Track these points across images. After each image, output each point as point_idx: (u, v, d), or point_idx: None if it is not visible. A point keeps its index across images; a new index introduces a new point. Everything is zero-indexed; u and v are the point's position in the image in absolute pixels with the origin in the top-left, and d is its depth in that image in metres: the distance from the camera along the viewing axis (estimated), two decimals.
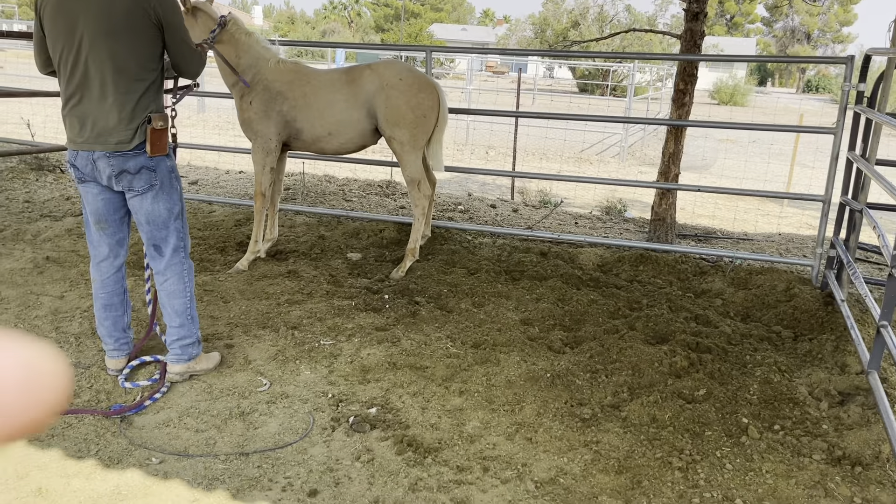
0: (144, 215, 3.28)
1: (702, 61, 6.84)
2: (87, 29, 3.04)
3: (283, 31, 69.72)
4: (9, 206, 6.40)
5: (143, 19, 3.11)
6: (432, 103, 5.01)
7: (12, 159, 8.22)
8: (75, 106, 3.15)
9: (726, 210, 9.95)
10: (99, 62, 3.07)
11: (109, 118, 3.12)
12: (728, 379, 3.65)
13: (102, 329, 3.49)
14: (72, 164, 3.24)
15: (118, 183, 3.21)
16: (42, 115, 12.37)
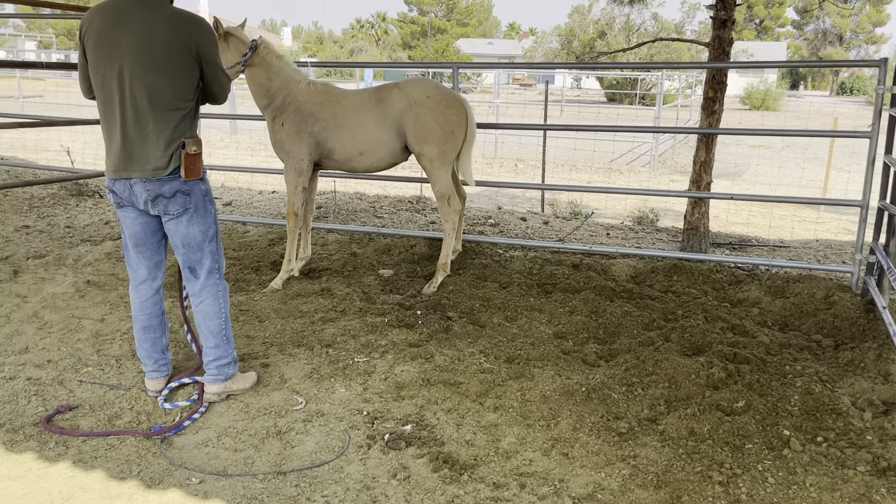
0: (180, 238, 3.35)
1: (732, 68, 6.77)
2: (128, 60, 3.12)
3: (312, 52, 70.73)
4: (51, 232, 6.57)
5: (184, 53, 3.20)
6: (460, 119, 5.04)
7: (53, 186, 8.44)
8: (114, 133, 3.22)
9: (761, 217, 9.80)
10: (138, 93, 3.15)
11: (146, 146, 3.19)
12: (768, 390, 3.58)
13: (142, 351, 3.54)
14: (110, 190, 3.32)
15: (154, 207, 3.28)
16: (81, 142, 12.70)
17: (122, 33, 3.13)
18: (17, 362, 3.80)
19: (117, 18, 3.14)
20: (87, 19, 3.19)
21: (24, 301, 4.70)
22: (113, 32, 3.13)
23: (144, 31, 3.13)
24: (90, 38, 3.18)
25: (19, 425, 3.21)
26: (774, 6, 68.84)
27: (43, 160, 11.89)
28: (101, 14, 3.18)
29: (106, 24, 3.15)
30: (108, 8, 3.19)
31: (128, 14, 3.14)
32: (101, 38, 3.15)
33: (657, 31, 38.56)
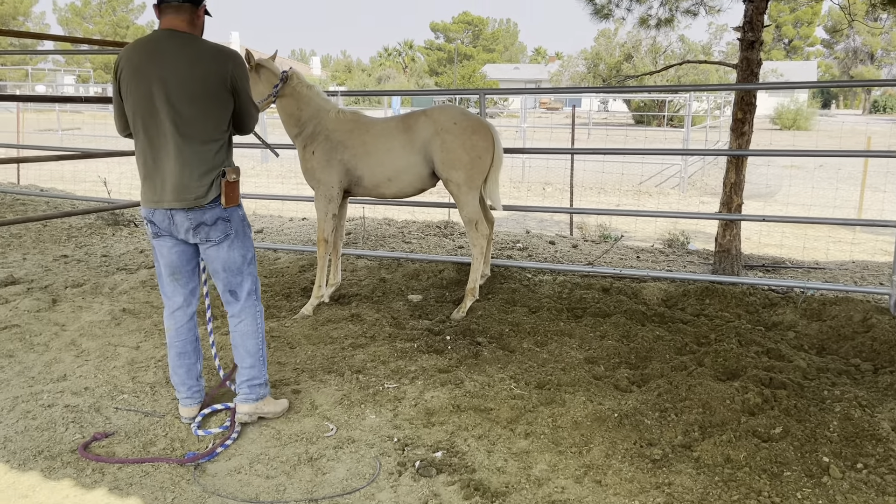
0: (221, 263, 3.44)
1: (761, 89, 6.73)
2: (167, 94, 3.21)
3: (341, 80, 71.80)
4: (88, 261, 6.72)
5: (220, 86, 3.29)
6: (487, 144, 5.08)
7: (91, 216, 8.64)
8: (152, 166, 3.31)
9: (794, 238, 9.66)
10: (178, 125, 3.24)
11: (187, 176, 3.27)
12: (805, 415, 3.51)
13: (176, 378, 3.58)
14: (149, 221, 3.39)
15: (195, 235, 3.35)
16: (117, 172, 13.00)
17: (160, 68, 3.22)
18: (56, 390, 3.88)
19: (155, 54, 3.24)
20: (124, 56, 3.30)
21: (62, 329, 4.80)
22: (151, 67, 3.22)
23: (182, 65, 3.22)
24: (127, 75, 3.28)
25: (57, 452, 3.27)
26: (803, 26, 68.37)
27: (81, 191, 12.19)
28: (137, 50, 3.29)
29: (143, 60, 3.25)
30: (145, 44, 3.30)
31: (165, 49, 3.24)
32: (140, 73, 3.24)
33: (684, 53, 38.48)
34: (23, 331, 4.74)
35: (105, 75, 60.08)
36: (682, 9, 7.62)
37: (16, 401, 3.73)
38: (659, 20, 7.70)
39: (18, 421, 3.53)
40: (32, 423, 3.52)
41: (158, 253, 3.48)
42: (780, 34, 67.02)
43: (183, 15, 3.29)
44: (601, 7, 7.62)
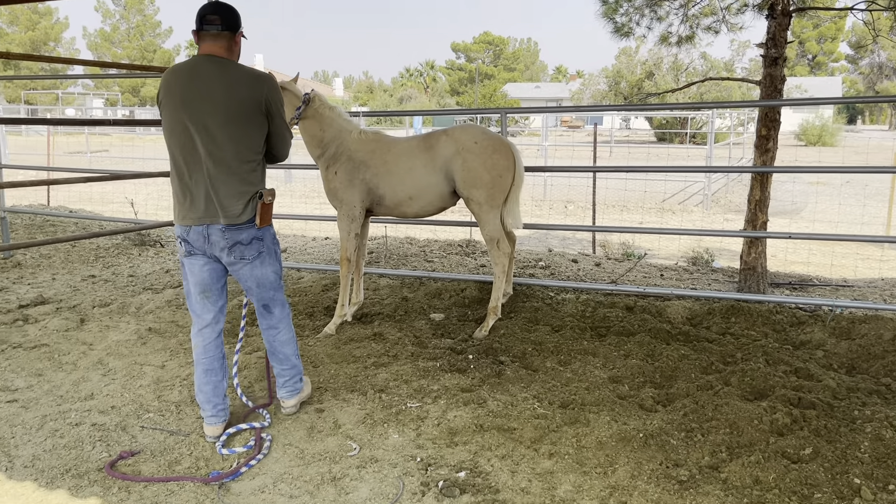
0: (255, 281, 3.60)
1: (784, 106, 6.68)
2: (206, 116, 3.34)
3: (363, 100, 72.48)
4: (115, 281, 6.81)
5: (257, 109, 3.44)
6: (508, 163, 5.09)
7: (118, 236, 8.77)
8: (189, 185, 3.41)
9: (821, 256, 9.53)
10: (217, 146, 3.36)
11: (224, 196, 3.39)
12: (836, 436, 3.44)
13: (202, 396, 3.62)
14: (183, 239, 3.49)
15: (230, 254, 3.47)
16: (144, 193, 13.21)
17: (199, 91, 3.35)
18: (83, 408, 3.92)
19: (194, 77, 3.38)
20: (165, 81, 3.44)
21: (90, 348, 4.86)
22: (191, 91, 3.36)
23: (221, 88, 3.36)
24: (168, 97, 3.40)
25: (84, 471, 3.30)
26: (827, 42, 67.84)
27: (108, 212, 12.39)
28: (176, 75, 3.42)
29: (183, 84, 3.38)
30: (185, 68, 3.43)
31: (204, 73, 3.38)
32: (180, 96, 3.37)
33: (706, 70, 38.30)
34: (52, 350, 4.81)
35: (132, 98, 61.26)
36: (703, 26, 7.60)
37: (44, 419, 3.78)
38: (680, 38, 7.69)
39: (47, 439, 3.58)
40: (60, 441, 3.56)
41: (189, 271, 3.56)
42: (803, 50, 66.56)
43: (221, 41, 3.44)
44: (622, 25, 7.63)
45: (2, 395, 4.08)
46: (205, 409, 3.63)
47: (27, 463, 3.36)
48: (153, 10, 64.72)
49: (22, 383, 4.26)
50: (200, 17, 3.44)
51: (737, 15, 7.37)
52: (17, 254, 7.80)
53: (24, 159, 20.28)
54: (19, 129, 37.34)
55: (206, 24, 3.41)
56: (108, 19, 63.76)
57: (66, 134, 33.98)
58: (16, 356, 4.69)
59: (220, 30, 3.42)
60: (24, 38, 56.01)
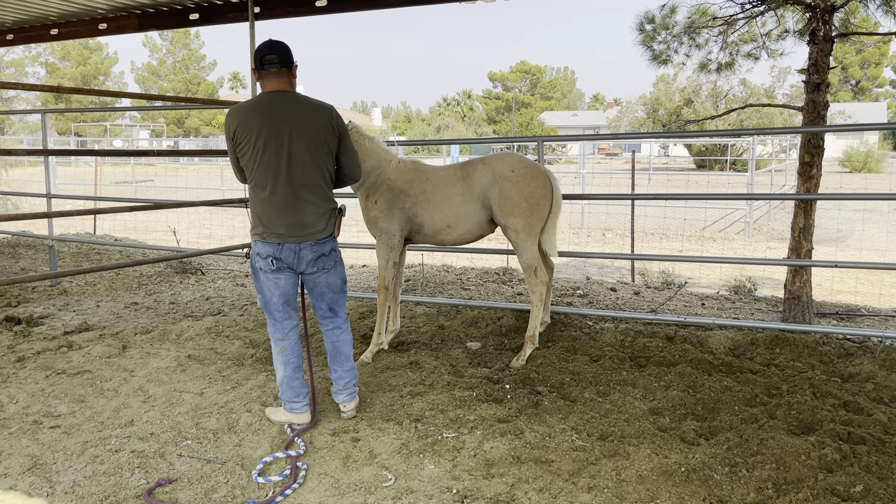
0: (328, 286, 4.03)
1: (827, 132, 6.57)
2: (291, 146, 3.73)
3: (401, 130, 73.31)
4: (157, 308, 6.93)
5: (330, 134, 3.87)
6: (545, 192, 5.08)
7: (160, 264, 8.95)
8: (282, 208, 3.77)
9: (869, 285, 9.26)
10: (305, 169, 3.77)
11: (309, 215, 3.82)
12: (888, 473, 3.30)
13: (291, 392, 3.99)
14: (274, 257, 3.81)
15: (314, 265, 3.90)
16: (186, 222, 13.49)
17: (280, 123, 3.72)
18: (123, 435, 3.97)
19: (271, 111, 3.74)
20: (237, 116, 3.77)
21: (130, 375, 4.93)
22: (271, 123, 3.71)
23: (298, 119, 3.75)
24: (248, 131, 3.73)
25: (122, 498, 3.32)
26: (871, 67, 66.75)
27: (152, 240, 12.67)
28: (254, 110, 3.77)
29: (262, 118, 3.73)
30: (260, 104, 3.78)
31: (279, 107, 3.75)
32: (261, 129, 3.72)
33: (746, 96, 37.86)
34: (94, 376, 4.90)
35: (177, 129, 62.90)
36: (743, 53, 7.53)
37: (85, 445, 3.83)
38: (719, 64, 7.62)
39: (87, 466, 3.62)
40: (100, 467, 3.60)
41: (273, 285, 3.88)
42: (846, 76, 65.52)
43: (283, 77, 3.81)
44: (659, 53, 7.60)
45: (45, 421, 4.15)
46: (296, 402, 3.99)
47: (67, 489, 3.40)
48: (198, 45, 66.71)
49: (65, 409, 4.34)
50: (260, 58, 3.77)
51: (777, 41, 7.29)
52: (64, 281, 8.00)
53: (73, 189, 20.91)
54: (69, 160, 38.58)
55: (267, 65, 3.75)
56: (156, 53, 65.91)
57: (113, 164, 35.00)
58: (59, 382, 4.78)
59: (279, 68, 3.77)
60: (75, 72, 58.17)
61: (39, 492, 3.37)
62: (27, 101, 53.98)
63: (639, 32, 7.64)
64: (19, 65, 56.34)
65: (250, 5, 6.72)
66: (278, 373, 4.03)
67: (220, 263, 9.53)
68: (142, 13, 7.66)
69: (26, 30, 8.72)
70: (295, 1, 6.91)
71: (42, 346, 5.53)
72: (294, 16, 7.04)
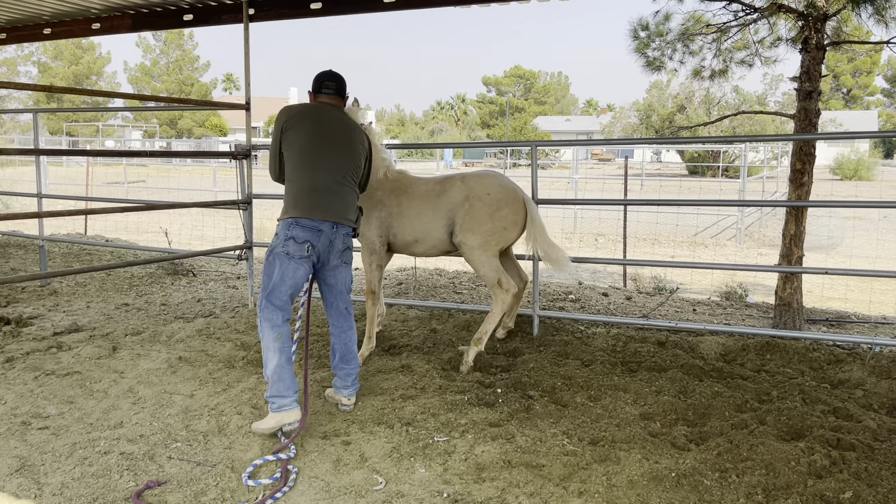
0: (344, 283, 4.30)
1: (820, 140, 6.61)
2: (337, 143, 4.24)
3: (395, 133, 73.31)
4: (147, 310, 6.90)
5: (363, 148, 4.42)
6: (516, 219, 5.15)
7: (152, 265, 8.91)
8: (324, 186, 4.12)
9: (859, 292, 9.31)
10: (342, 162, 4.22)
11: (349, 199, 4.22)
12: (877, 480, 3.32)
13: (281, 385, 3.90)
14: (311, 243, 4.01)
15: (341, 256, 4.19)
16: (178, 223, 13.44)
17: (332, 122, 4.28)
18: (112, 437, 3.95)
19: (326, 112, 4.30)
20: (295, 110, 4.29)
21: (120, 377, 4.91)
22: (325, 120, 4.27)
23: (344, 126, 4.32)
24: (301, 121, 4.22)
25: (111, 500, 3.30)
26: (862, 75, 67.21)
27: (143, 241, 12.62)
28: (309, 106, 4.34)
29: (317, 114, 4.29)
30: (316, 105, 4.35)
31: (330, 113, 4.31)
32: (316, 122, 4.25)
33: (739, 103, 38.04)
34: (83, 377, 4.87)
35: (170, 130, 62.70)
36: (737, 60, 7.56)
37: (74, 447, 3.81)
38: (713, 71, 7.66)
39: (76, 467, 3.60)
40: (89, 469, 3.57)
41: (291, 273, 3.98)
42: (838, 84, 65.96)
43: (335, 101, 4.41)
44: (653, 60, 7.62)
45: (34, 422, 4.13)
46: (285, 397, 3.88)
47: (55, 491, 3.38)
48: (192, 45, 66.53)
49: (54, 410, 4.31)
50: (319, 82, 4.37)
51: (770, 49, 7.33)
52: (54, 281, 7.95)
53: (64, 189, 20.80)
54: (60, 160, 38.41)
55: (325, 89, 4.37)
56: (149, 54, 65.70)
57: (105, 165, 34.86)
58: (49, 383, 4.75)
59: (334, 93, 4.39)
60: (67, 72, 57.91)
61: (27, 493, 3.35)
62: (19, 100, 53.75)
63: (633, 39, 7.67)
64: (11, 64, 56.11)
65: (245, 7, 6.71)
66: (271, 362, 3.89)
67: (212, 265, 9.50)
68: (136, 13, 7.64)
69: (19, 29, 8.68)
70: (289, 3, 6.90)
71: (31, 346, 5.50)
72: (288, 18, 7.04)
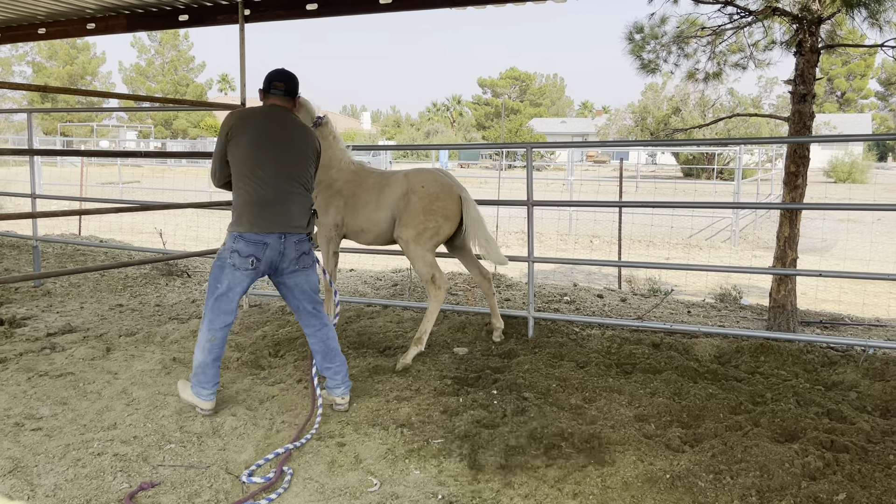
0: (309, 285, 4.26)
1: (814, 143, 6.63)
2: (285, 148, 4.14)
3: (390, 134, 73.29)
4: (142, 311, 6.88)
5: (314, 152, 4.34)
6: (449, 212, 5.25)
7: (146, 266, 8.88)
8: (269, 198, 4.03)
9: (853, 294, 9.35)
10: (288, 169, 4.12)
11: (296, 207, 4.12)
12: (870, 481, 3.33)
13: (204, 377, 4.13)
14: (255, 258, 4.00)
15: (297, 263, 4.15)
16: (172, 224, 13.40)
17: (278, 127, 4.18)
18: (106, 438, 3.93)
19: (274, 116, 4.21)
20: (240, 115, 4.20)
21: (114, 378, 4.89)
22: (271, 125, 4.17)
23: (294, 130, 4.24)
24: (246, 127, 4.11)
25: (104, 501, 3.29)
26: (856, 78, 67.53)
27: (138, 242, 12.58)
28: (255, 111, 4.24)
29: (263, 119, 4.18)
30: (262, 109, 4.25)
31: (279, 116, 4.22)
32: (261, 128, 4.14)
33: (733, 106, 38.16)
34: (77, 378, 4.85)
35: (165, 131, 62.54)
36: (731, 63, 7.59)
37: (67, 448, 3.79)
38: (707, 74, 7.68)
39: (69, 469, 3.58)
40: (82, 471, 3.56)
41: (237, 283, 4.05)
42: (832, 87, 66.24)
43: (285, 102, 4.31)
44: (648, 62, 7.64)
45: (27, 423, 4.11)
46: (205, 388, 4.14)
47: (49, 492, 3.36)
48: (187, 46, 66.40)
49: (47, 411, 4.29)
50: (269, 82, 4.26)
51: (764, 52, 7.35)
52: (48, 282, 7.92)
53: (58, 189, 20.73)
54: (54, 160, 38.30)
55: (274, 89, 4.25)
56: (144, 54, 65.52)
57: (100, 165, 34.76)
58: (42, 384, 4.73)
59: (283, 94, 4.27)
60: (62, 72, 57.72)
61: (20, 494, 3.34)
62: (13, 100, 53.59)
63: (628, 42, 7.69)
64: (6, 63, 55.94)
65: (240, 8, 6.70)
66: (198, 357, 4.15)
67: (207, 266, 9.47)
68: (131, 13, 7.62)
69: (14, 28, 8.65)
70: (285, 4, 6.89)
71: (24, 347, 5.47)
72: (284, 19, 7.03)
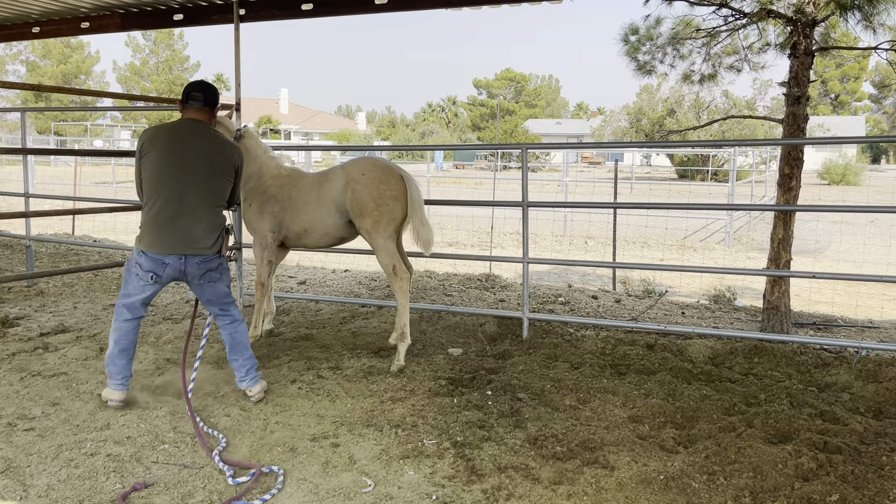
0: (216, 294, 4.34)
1: (808, 145, 6.65)
2: (194, 167, 4.14)
3: (385, 135, 73.22)
4: None
5: (231, 168, 4.34)
6: (395, 193, 5.24)
7: None
8: (174, 220, 4.08)
9: (846, 296, 9.38)
10: (200, 191, 4.14)
11: (200, 231, 4.13)
12: (863, 483, 3.34)
13: (115, 367, 4.24)
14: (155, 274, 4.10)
15: (202, 279, 4.21)
16: None
17: (191, 144, 4.18)
18: (99, 438, 3.92)
19: (187, 134, 4.21)
20: (152, 133, 4.21)
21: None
22: (183, 142, 4.17)
23: (210, 146, 4.23)
24: (155, 146, 4.15)
25: (97, 502, 3.28)
26: (850, 81, 67.78)
27: (132, 241, 12.52)
28: (167, 129, 4.23)
29: (175, 136, 4.20)
30: (175, 126, 4.24)
31: (194, 133, 4.22)
32: (174, 146, 4.17)
33: (728, 108, 38.29)
34: (70, 378, 4.83)
35: None
36: (726, 65, 7.61)
37: (60, 448, 3.78)
38: (702, 76, 7.70)
39: (61, 469, 3.57)
40: (75, 471, 3.55)
41: (142, 290, 4.18)
42: (826, 89, 66.48)
43: (202, 114, 4.32)
44: (644, 63, 7.66)
45: (19, 423, 4.09)
46: (115, 378, 4.24)
47: (41, 493, 3.35)
48: (182, 45, 66.19)
49: (39, 412, 4.27)
50: (187, 93, 4.29)
51: (759, 54, 7.38)
52: (41, 282, 7.89)
53: (52, 189, 20.67)
54: (48, 159, 38.13)
55: (192, 100, 4.28)
56: (138, 53, 65.25)
57: (94, 164, 34.63)
58: (35, 384, 4.71)
59: (202, 105, 4.30)
60: (55, 71, 57.48)
61: (13, 495, 3.32)
62: (7, 99, 53.38)
63: (623, 43, 7.70)
64: None
65: (235, 7, 6.70)
66: (109, 346, 4.28)
67: None
68: (125, 12, 7.60)
69: (7, 27, 8.62)
70: (280, 4, 6.89)
71: (17, 347, 5.45)
72: (279, 18, 7.03)
